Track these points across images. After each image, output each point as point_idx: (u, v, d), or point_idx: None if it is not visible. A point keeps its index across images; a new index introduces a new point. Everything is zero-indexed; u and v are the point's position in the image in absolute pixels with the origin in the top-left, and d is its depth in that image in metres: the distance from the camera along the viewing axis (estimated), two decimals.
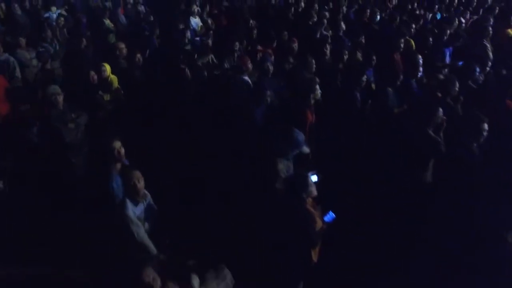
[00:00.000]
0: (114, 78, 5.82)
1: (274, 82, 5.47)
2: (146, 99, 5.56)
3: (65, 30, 8.30)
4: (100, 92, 5.65)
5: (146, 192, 3.44)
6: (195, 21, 8.75)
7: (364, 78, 5.19)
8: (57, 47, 7.86)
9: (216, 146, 4.61)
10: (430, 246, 3.80)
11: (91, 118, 5.16)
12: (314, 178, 3.57)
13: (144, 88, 5.72)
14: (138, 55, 6.15)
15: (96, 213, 3.55)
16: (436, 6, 9.20)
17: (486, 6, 9.73)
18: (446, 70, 6.80)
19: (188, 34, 7.56)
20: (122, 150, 3.69)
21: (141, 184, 3.32)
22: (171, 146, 4.93)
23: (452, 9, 9.32)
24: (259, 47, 6.26)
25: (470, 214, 3.47)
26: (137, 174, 3.32)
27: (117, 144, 3.66)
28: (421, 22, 8.21)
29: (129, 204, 3.27)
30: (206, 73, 5.99)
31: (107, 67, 5.77)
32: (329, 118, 4.90)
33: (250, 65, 5.71)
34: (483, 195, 3.50)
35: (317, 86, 4.61)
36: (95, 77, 5.67)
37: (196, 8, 8.72)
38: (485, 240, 3.34)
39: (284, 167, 3.65)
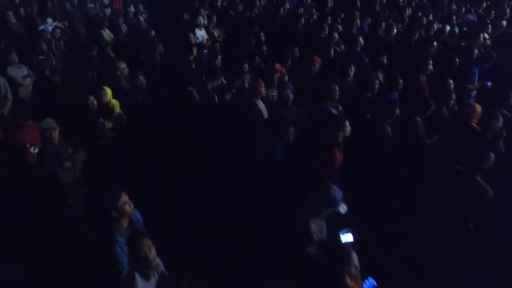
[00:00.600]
0: (115, 103, 5.25)
1: (292, 109, 4.93)
2: (151, 130, 5.00)
3: (61, 42, 7.71)
4: (101, 119, 5.08)
5: (158, 260, 2.88)
6: (201, 34, 8.16)
7: (397, 111, 4.65)
8: (54, 62, 7.29)
9: (232, 191, 4.06)
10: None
11: (91, 149, 4.62)
12: (349, 237, 3.06)
13: (148, 116, 5.15)
14: (141, 78, 5.56)
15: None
16: (454, 18, 8.66)
17: (506, 18, 9.24)
18: (474, 92, 6.32)
19: (195, 50, 6.98)
20: (130, 206, 3.12)
21: (152, 253, 2.76)
22: (179, 190, 4.35)
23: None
24: (277, 66, 5.69)
25: None
26: (148, 242, 2.76)
27: (122, 200, 3.08)
28: (441, 36, 7.65)
29: (139, 280, 2.71)
30: (216, 98, 5.45)
31: (108, 91, 5.19)
32: (356, 156, 4.35)
33: (263, 90, 5.16)
34: None
35: (347, 123, 4.06)
36: (95, 102, 5.09)
37: (202, 20, 8.13)
38: None
39: (317, 227, 3.11)
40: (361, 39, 6.99)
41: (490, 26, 8.07)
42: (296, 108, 4.92)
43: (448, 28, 8.34)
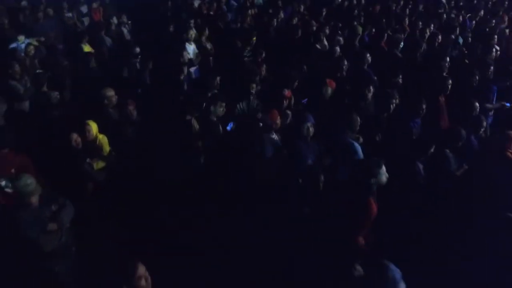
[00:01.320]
0: (103, 139, 4.49)
1: (312, 145, 4.28)
2: (145, 170, 4.28)
3: (36, 61, 6.83)
4: (88, 160, 4.32)
5: None
6: (191, 48, 7.43)
7: (433, 149, 4.07)
8: (28, 84, 6.43)
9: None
10: None
11: (79, 199, 3.86)
12: None
13: (140, 155, 4.42)
14: (131, 108, 4.81)
15: None
16: (457, 29, 8.20)
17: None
18: (491, 112, 5.83)
19: (185, 69, 6.25)
20: (147, 280, 2.42)
21: None
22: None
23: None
24: (286, 92, 5.03)
25: None
26: None
27: (139, 273, 2.37)
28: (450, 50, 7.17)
29: None
30: (220, 128, 4.76)
31: (93, 126, 4.43)
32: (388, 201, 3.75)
33: (279, 121, 4.51)
34: None
35: (383, 168, 3.44)
36: (79, 140, 4.32)
37: (193, 34, 7.37)
38: None
39: None
40: (368, 56, 6.41)
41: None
42: (316, 143, 4.26)
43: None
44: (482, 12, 9.74)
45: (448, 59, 6.06)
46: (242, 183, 4.13)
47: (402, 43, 7.16)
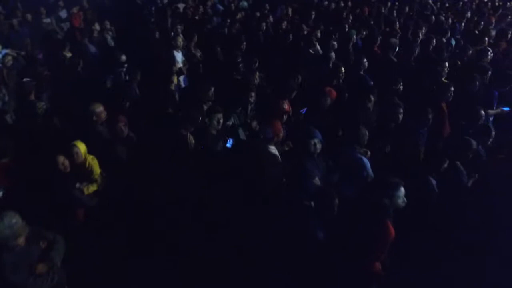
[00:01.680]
0: (93, 161, 4.11)
1: (319, 161, 4.01)
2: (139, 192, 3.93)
3: (14, 72, 6.35)
4: (78, 185, 3.94)
5: None
6: (179, 56, 7.04)
7: (446, 164, 3.85)
8: (6, 97, 5.97)
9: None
10: None
11: (70, 230, 3.50)
12: None
13: (133, 176, 4.05)
14: (121, 125, 4.43)
15: None
16: (449, 32, 8.08)
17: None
18: (492, 118, 5.67)
19: (175, 79, 5.88)
20: None
21: None
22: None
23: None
24: (286, 105, 4.74)
25: None
26: None
27: None
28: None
29: None
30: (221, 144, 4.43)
31: (81, 147, 4.03)
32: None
33: (282, 135, 4.22)
34: None
35: (402, 189, 3.20)
36: (67, 163, 3.92)
37: (181, 41, 6.99)
38: None
39: None
40: (365, 61, 6.18)
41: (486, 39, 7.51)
42: (323, 159, 3.99)
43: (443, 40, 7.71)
44: (469, 14, 9.67)
45: (446, 64, 5.87)
46: (242, 201, 3.84)
47: (397, 48, 6.97)
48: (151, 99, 5.55)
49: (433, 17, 9.22)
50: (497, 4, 11.01)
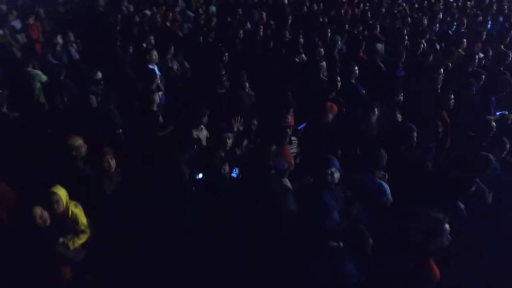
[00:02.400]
0: (76, 208, 3.43)
1: (337, 192, 3.56)
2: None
3: None
4: (61, 240, 3.28)
5: None
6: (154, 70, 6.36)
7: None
8: None
9: None
10: None
11: None
12: None
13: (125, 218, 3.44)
14: (108, 157, 3.78)
15: None
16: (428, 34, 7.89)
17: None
18: None
19: (157, 98, 5.22)
20: None
21: None
22: None
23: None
24: (289, 119, 4.28)
25: None
26: None
27: None
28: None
29: None
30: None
31: (61, 194, 3.35)
32: None
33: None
34: None
35: (447, 226, 2.82)
36: (46, 215, 3.24)
37: (156, 54, 6.32)
38: None
39: None
40: (356, 69, 5.82)
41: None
42: (341, 188, 3.55)
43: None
44: (441, 15, 9.59)
45: (441, 70, 5.63)
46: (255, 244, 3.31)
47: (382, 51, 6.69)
48: (134, 124, 4.91)
49: (409, 19, 9.07)
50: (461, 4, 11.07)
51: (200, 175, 4.02)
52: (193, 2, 11.23)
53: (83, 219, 3.40)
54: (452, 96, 4.95)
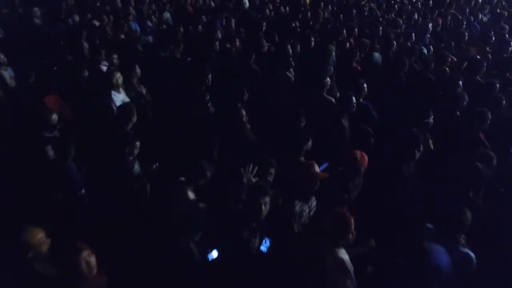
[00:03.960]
0: None
1: None
2: None
3: None
4: None
5: None
6: (120, 99, 4.96)
7: None
8: None
9: None
10: None
11: None
12: None
13: None
14: (85, 256, 2.48)
15: None
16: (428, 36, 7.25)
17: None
18: None
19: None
20: None
21: None
22: None
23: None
24: (315, 168, 3.20)
25: None
26: None
27: None
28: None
29: None
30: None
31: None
32: None
33: None
34: None
35: None
36: None
37: (119, 79, 4.92)
38: None
39: None
40: (365, 86, 4.90)
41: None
42: None
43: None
44: (416, 16, 9.00)
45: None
46: None
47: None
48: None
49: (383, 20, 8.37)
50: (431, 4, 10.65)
51: (214, 254, 2.91)
52: (145, 8, 9.77)
53: None
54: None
